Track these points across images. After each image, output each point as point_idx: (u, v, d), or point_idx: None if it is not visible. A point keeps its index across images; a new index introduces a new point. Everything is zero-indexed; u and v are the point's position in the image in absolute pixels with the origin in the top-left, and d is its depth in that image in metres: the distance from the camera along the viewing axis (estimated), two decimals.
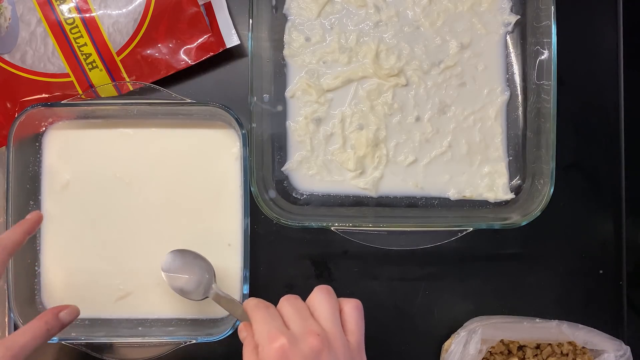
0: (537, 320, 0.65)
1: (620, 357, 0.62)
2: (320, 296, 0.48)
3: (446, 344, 0.67)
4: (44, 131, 0.66)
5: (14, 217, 0.62)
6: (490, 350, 0.66)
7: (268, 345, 0.44)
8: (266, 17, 0.67)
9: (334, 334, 0.46)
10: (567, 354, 0.66)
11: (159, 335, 0.64)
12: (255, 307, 0.48)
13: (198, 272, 0.61)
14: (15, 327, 0.65)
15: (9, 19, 0.65)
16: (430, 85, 0.67)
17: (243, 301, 0.62)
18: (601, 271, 0.70)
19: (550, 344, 0.66)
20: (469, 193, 0.67)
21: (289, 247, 0.69)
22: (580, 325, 0.63)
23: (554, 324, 0.64)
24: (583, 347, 0.66)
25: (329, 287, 0.49)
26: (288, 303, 0.48)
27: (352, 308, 0.48)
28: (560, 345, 0.66)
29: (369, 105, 0.67)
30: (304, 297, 0.69)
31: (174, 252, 0.62)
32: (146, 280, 0.65)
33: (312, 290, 0.68)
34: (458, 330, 0.66)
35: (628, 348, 0.63)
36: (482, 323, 0.65)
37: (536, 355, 0.66)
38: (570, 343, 0.66)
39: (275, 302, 0.70)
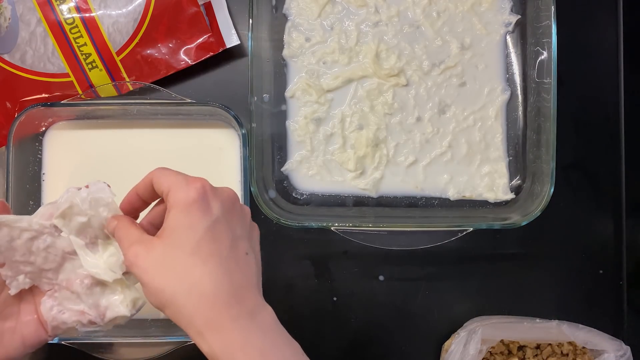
0: (537, 320, 0.65)
1: (620, 357, 0.62)
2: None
3: (446, 344, 0.67)
4: (44, 131, 0.66)
5: None
6: (490, 350, 0.65)
7: (186, 186, 0.42)
8: (266, 17, 0.66)
9: None
10: (567, 354, 0.66)
11: (159, 335, 0.63)
12: (163, 168, 0.46)
13: None
14: None
15: (9, 18, 0.65)
16: (431, 84, 0.67)
17: None
18: (601, 271, 0.70)
19: (550, 344, 0.66)
20: (469, 193, 0.67)
21: (289, 247, 0.69)
22: (581, 325, 0.63)
23: (554, 324, 0.64)
24: (583, 347, 0.66)
25: None
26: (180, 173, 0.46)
27: None
28: (560, 345, 0.66)
29: (369, 105, 0.67)
30: (305, 299, 0.69)
31: None
32: None
33: (312, 290, 0.69)
34: (458, 331, 0.66)
35: (628, 348, 0.63)
36: (482, 323, 0.65)
37: (536, 355, 0.66)
38: (570, 343, 0.66)
39: (275, 304, 0.70)
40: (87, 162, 0.66)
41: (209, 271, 0.41)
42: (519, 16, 0.67)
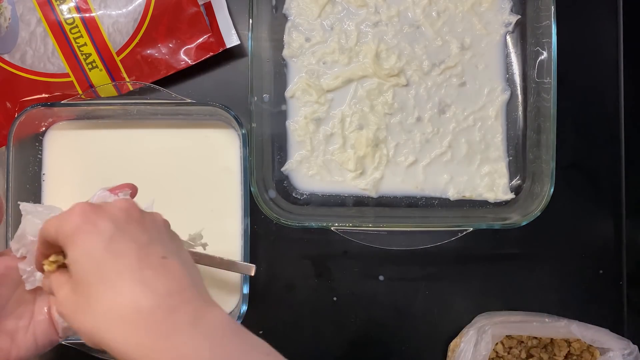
0: (547, 320, 0.64)
1: (627, 356, 0.62)
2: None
3: (453, 342, 0.67)
4: (44, 131, 0.66)
5: (14, 217, 0.62)
6: (501, 342, 0.65)
7: (66, 216, 0.40)
8: (266, 17, 0.67)
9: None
10: (576, 350, 0.66)
11: None
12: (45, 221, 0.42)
13: None
14: None
15: (9, 19, 0.65)
16: (431, 84, 0.67)
17: (242, 302, 0.62)
18: (601, 271, 0.70)
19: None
20: (469, 193, 0.67)
21: (289, 247, 0.69)
22: (590, 325, 0.63)
23: (562, 323, 0.63)
24: (590, 345, 0.66)
25: None
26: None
27: None
28: (568, 341, 0.66)
29: (369, 105, 0.67)
30: (305, 298, 0.69)
31: None
32: None
33: (312, 290, 0.69)
34: (466, 328, 0.66)
35: (636, 347, 0.62)
36: (490, 321, 0.64)
37: (545, 347, 0.66)
38: (578, 340, 0.66)
39: (275, 304, 0.70)
40: (87, 162, 0.66)
41: (120, 292, 0.36)
42: (519, 16, 0.67)
